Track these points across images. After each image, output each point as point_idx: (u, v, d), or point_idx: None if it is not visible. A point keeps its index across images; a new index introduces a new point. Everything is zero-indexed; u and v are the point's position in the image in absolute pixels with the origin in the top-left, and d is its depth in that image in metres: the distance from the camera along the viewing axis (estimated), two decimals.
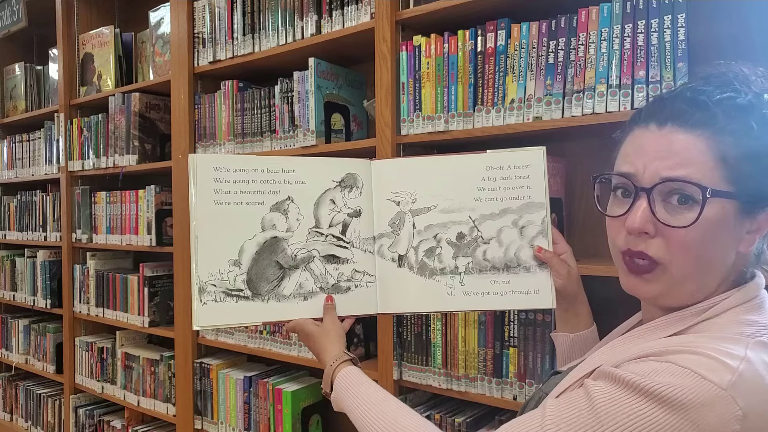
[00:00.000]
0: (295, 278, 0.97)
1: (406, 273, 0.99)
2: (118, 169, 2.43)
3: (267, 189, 0.97)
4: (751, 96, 0.68)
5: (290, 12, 1.82)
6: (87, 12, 2.78)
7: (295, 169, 0.99)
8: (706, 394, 0.57)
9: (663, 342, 0.67)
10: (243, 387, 1.98)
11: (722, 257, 0.69)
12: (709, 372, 0.59)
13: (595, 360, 0.73)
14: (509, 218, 0.98)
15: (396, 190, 1.01)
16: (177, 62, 2.16)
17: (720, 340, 0.64)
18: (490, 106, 1.43)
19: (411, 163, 1.06)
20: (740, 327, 0.66)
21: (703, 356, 0.60)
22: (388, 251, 1.00)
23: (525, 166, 0.98)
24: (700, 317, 0.69)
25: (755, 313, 0.69)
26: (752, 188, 0.66)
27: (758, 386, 0.59)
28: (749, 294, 0.70)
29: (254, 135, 1.95)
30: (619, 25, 1.26)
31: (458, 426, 1.47)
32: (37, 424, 3.00)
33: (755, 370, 0.60)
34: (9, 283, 3.18)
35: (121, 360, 2.46)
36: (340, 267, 1.00)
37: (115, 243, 2.48)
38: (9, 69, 3.25)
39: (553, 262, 0.96)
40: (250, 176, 0.97)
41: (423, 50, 1.53)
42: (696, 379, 0.58)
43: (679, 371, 0.59)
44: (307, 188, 1.00)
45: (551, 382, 0.86)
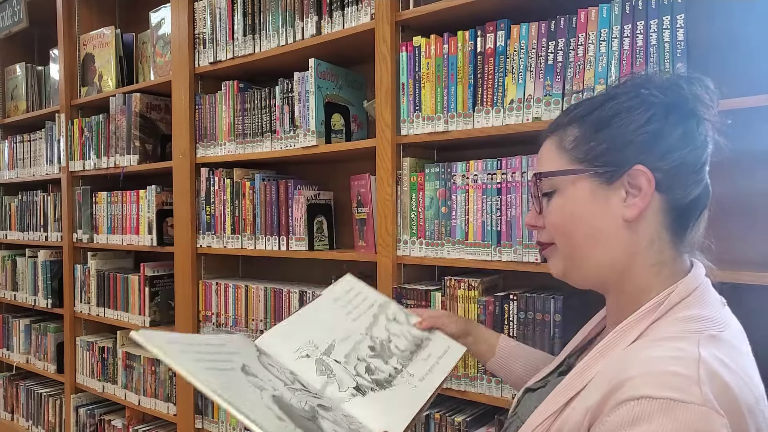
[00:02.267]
0: (326, 424, 0.86)
1: (373, 395, 0.96)
2: (119, 170, 2.43)
3: (223, 359, 0.89)
4: (602, 97, 0.78)
5: (290, 13, 1.82)
6: (88, 12, 2.78)
7: (225, 344, 0.95)
8: (694, 417, 0.57)
9: (623, 361, 0.66)
10: None
11: (603, 227, 0.75)
12: (680, 391, 0.58)
13: (575, 383, 0.73)
14: (382, 320, 1.09)
15: (296, 348, 1.00)
16: (178, 63, 2.16)
17: (671, 341, 0.65)
18: (490, 107, 1.43)
19: (286, 324, 1.07)
20: (686, 324, 0.68)
21: (662, 374, 0.60)
22: (342, 393, 0.94)
23: (351, 288, 1.16)
24: (651, 319, 0.70)
25: (697, 306, 0.70)
26: (600, 161, 0.75)
27: (718, 385, 0.60)
28: (689, 287, 0.72)
29: (255, 135, 1.96)
30: (618, 25, 1.26)
31: (458, 425, 1.48)
32: (38, 423, 3.00)
33: (711, 369, 0.60)
34: (10, 282, 3.19)
35: (121, 359, 2.47)
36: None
37: (115, 243, 2.48)
38: (10, 69, 3.26)
39: (434, 324, 1.10)
40: (202, 352, 0.89)
41: (423, 51, 1.54)
42: (676, 408, 0.57)
43: (657, 406, 0.58)
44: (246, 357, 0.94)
45: (526, 402, 0.88)
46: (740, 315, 1.28)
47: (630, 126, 0.73)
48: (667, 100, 0.74)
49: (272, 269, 2.25)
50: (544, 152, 0.82)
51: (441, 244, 1.52)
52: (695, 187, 0.75)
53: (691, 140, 0.73)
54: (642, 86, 0.76)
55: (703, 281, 0.74)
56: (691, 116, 0.74)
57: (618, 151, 0.73)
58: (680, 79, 0.76)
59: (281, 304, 1.90)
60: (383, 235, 1.61)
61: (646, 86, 0.75)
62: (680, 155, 0.73)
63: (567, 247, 0.78)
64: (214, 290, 2.10)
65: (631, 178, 0.73)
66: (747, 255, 1.31)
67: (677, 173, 0.73)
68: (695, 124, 0.74)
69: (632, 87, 0.77)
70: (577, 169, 0.76)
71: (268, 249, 1.92)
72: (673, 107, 0.74)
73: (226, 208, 2.04)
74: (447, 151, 1.73)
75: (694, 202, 0.75)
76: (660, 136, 0.73)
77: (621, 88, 0.78)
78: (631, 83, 0.78)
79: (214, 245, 2.09)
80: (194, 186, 2.15)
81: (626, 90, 0.77)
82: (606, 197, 0.74)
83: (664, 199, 0.74)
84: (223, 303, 2.07)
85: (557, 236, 0.79)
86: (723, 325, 0.69)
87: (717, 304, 0.73)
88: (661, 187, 0.73)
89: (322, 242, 1.89)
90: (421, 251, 1.56)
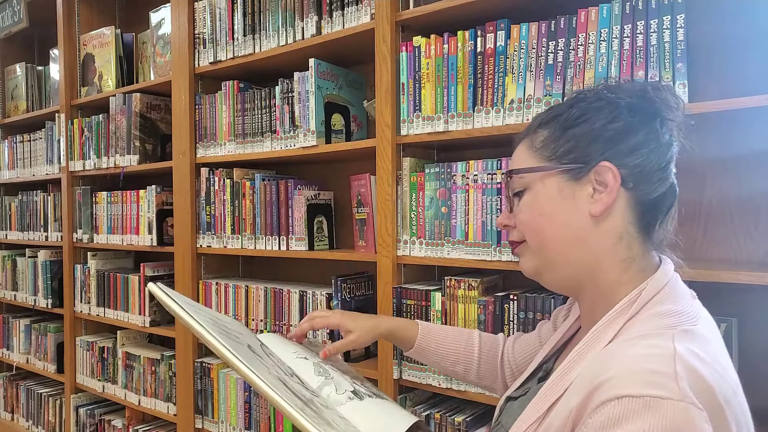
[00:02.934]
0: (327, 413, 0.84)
1: (371, 401, 0.92)
2: (119, 169, 2.43)
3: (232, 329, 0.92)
4: (569, 102, 0.81)
5: (290, 13, 1.82)
6: (88, 12, 2.78)
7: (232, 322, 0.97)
8: (675, 413, 0.57)
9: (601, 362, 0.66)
10: (244, 386, 1.98)
11: (570, 223, 0.76)
12: (658, 388, 0.59)
13: (556, 387, 0.73)
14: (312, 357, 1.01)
15: (293, 350, 0.99)
16: (178, 63, 2.16)
17: (647, 338, 0.66)
18: (490, 107, 1.43)
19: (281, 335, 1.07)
20: (660, 320, 0.69)
21: (640, 371, 0.61)
22: (339, 395, 0.89)
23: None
24: (625, 318, 0.71)
25: (669, 301, 0.72)
26: (567, 158, 0.77)
27: (694, 379, 0.60)
28: (659, 283, 0.73)
29: (255, 135, 1.96)
30: (618, 25, 1.26)
31: (458, 425, 1.48)
32: (38, 423, 3.00)
33: (686, 364, 0.61)
34: (10, 282, 3.18)
35: (121, 359, 2.47)
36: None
37: (116, 243, 2.48)
38: (10, 69, 3.25)
39: (338, 349, 1.06)
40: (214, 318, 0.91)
41: (423, 51, 1.54)
42: (656, 405, 0.58)
43: (639, 405, 0.59)
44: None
45: (509, 411, 0.88)
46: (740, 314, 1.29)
47: (596, 123, 0.76)
48: (633, 102, 0.77)
49: (272, 269, 2.25)
50: (516, 154, 0.85)
51: (441, 244, 1.52)
52: (661, 184, 0.76)
53: (655, 139, 0.76)
54: (610, 90, 0.79)
55: (672, 276, 0.76)
56: (656, 116, 0.76)
57: (584, 147, 0.76)
58: (647, 85, 0.79)
59: (281, 304, 1.90)
60: (383, 235, 1.61)
61: (614, 90, 0.79)
62: (645, 152, 0.75)
63: (536, 243, 0.80)
64: (214, 290, 2.10)
65: (597, 174, 0.75)
66: (748, 255, 1.31)
67: (642, 170, 0.75)
68: (659, 124, 0.76)
69: (600, 90, 0.80)
70: (545, 166, 0.78)
71: (268, 249, 1.92)
72: (638, 108, 0.76)
73: (226, 208, 2.04)
74: (447, 151, 1.73)
75: (659, 199, 0.77)
76: (625, 134, 0.75)
77: (590, 93, 0.81)
78: (600, 87, 0.81)
79: (214, 245, 2.09)
80: (194, 186, 2.15)
81: (594, 93, 0.80)
82: (573, 193, 0.76)
83: (630, 195, 0.75)
84: (223, 303, 2.07)
85: (527, 233, 0.81)
86: (695, 319, 0.70)
87: (688, 298, 0.74)
88: (627, 184, 0.75)
89: (322, 242, 1.89)
90: (421, 251, 1.56)
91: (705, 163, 1.35)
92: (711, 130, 1.34)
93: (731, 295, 1.31)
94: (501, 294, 1.42)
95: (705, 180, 1.36)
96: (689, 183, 1.37)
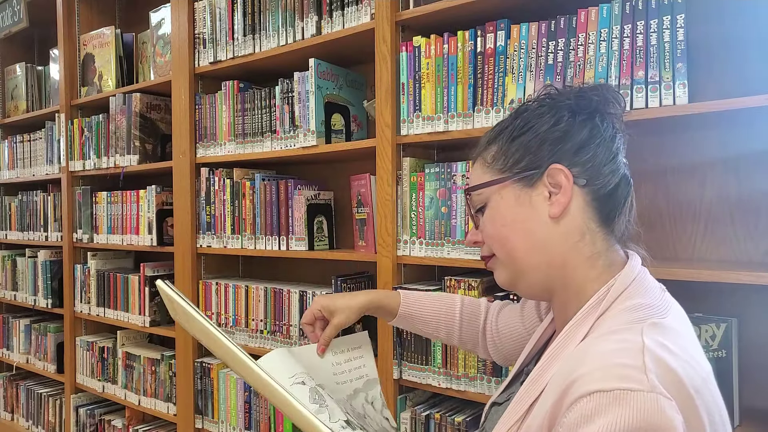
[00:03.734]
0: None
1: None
2: (119, 169, 2.43)
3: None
4: (513, 114, 0.84)
5: (290, 13, 1.82)
6: (88, 12, 2.78)
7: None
8: (644, 403, 0.58)
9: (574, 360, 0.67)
10: (244, 386, 1.98)
11: (532, 230, 0.78)
12: (628, 381, 0.60)
13: (533, 389, 0.74)
14: (361, 397, 1.05)
15: (292, 374, 0.97)
16: (178, 63, 2.16)
17: (616, 333, 0.67)
18: (490, 107, 1.43)
19: (285, 351, 1.04)
20: (629, 314, 0.70)
21: (611, 366, 0.62)
22: (332, 423, 0.88)
23: (359, 347, 1.09)
24: (595, 315, 0.72)
25: (638, 296, 0.73)
26: (518, 167, 0.79)
27: (664, 371, 0.61)
28: (627, 279, 0.75)
29: (255, 135, 1.96)
30: (618, 25, 1.26)
31: (458, 425, 1.48)
32: (38, 423, 3.00)
33: (655, 356, 0.62)
34: (10, 282, 3.19)
35: (121, 359, 2.47)
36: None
37: (115, 243, 2.48)
38: (10, 69, 3.26)
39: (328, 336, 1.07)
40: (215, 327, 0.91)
41: (423, 51, 1.54)
42: (627, 397, 0.59)
43: (610, 399, 0.60)
44: None
45: (493, 417, 0.89)
46: (740, 314, 1.29)
47: (541, 129, 0.79)
48: (571, 103, 0.80)
49: (272, 269, 2.25)
50: (472, 174, 0.87)
51: (441, 244, 1.52)
52: (612, 176, 0.78)
53: (598, 134, 0.78)
54: (550, 96, 0.82)
55: (640, 270, 0.77)
56: (595, 113, 0.79)
57: (533, 154, 0.78)
58: (586, 88, 0.82)
59: (281, 304, 1.90)
60: (383, 235, 1.61)
61: (553, 96, 0.82)
62: (592, 148, 0.77)
63: (504, 255, 0.82)
64: (214, 290, 2.10)
65: (549, 177, 0.77)
66: (748, 255, 1.31)
67: (592, 165, 0.77)
68: (599, 120, 0.79)
69: (542, 99, 0.83)
70: (499, 178, 0.80)
71: (268, 249, 1.92)
72: (577, 108, 0.79)
73: (226, 208, 2.04)
74: (447, 151, 1.73)
75: (614, 190, 0.78)
76: (570, 134, 0.78)
77: (531, 102, 0.83)
78: (541, 95, 0.84)
79: (214, 245, 2.09)
80: (194, 186, 2.15)
81: (536, 101, 0.83)
82: (530, 200, 0.78)
83: (585, 191, 0.77)
84: (223, 303, 2.07)
85: (494, 246, 0.83)
86: (664, 311, 0.71)
87: (657, 291, 0.75)
88: (579, 181, 0.77)
89: (322, 242, 1.89)
90: (421, 251, 1.56)
91: (705, 163, 1.35)
92: (711, 130, 1.35)
93: (731, 295, 1.31)
94: (501, 294, 1.42)
95: (705, 180, 1.36)
96: (689, 183, 1.37)
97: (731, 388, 1.18)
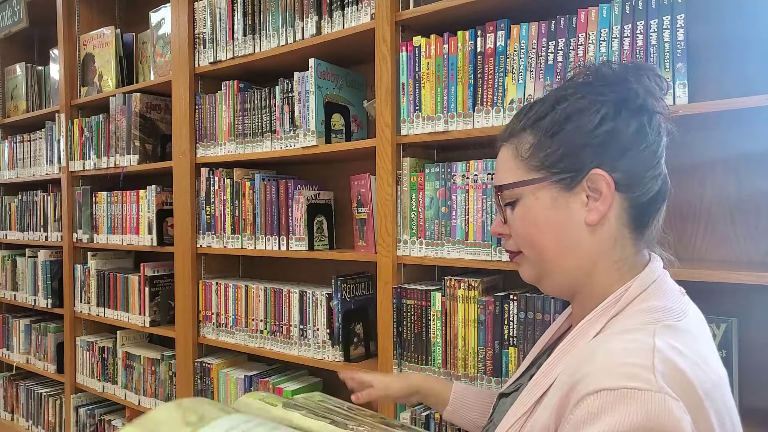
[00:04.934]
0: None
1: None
2: (119, 169, 2.43)
3: None
4: (552, 98, 0.78)
5: (290, 13, 1.82)
6: (88, 12, 2.78)
7: None
8: (651, 403, 0.58)
9: (583, 357, 0.67)
10: (243, 386, 1.98)
11: (566, 234, 0.75)
12: (635, 379, 0.59)
13: (542, 383, 0.74)
14: None
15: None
16: (178, 63, 2.16)
17: (628, 333, 0.67)
18: (490, 107, 1.43)
19: None
20: (644, 316, 0.69)
21: (619, 365, 0.62)
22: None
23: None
24: (610, 314, 0.72)
25: (655, 298, 0.72)
26: (557, 168, 0.75)
27: (672, 372, 0.61)
28: (645, 281, 0.74)
29: (255, 135, 1.96)
30: (618, 25, 1.26)
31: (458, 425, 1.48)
32: (38, 423, 3.00)
33: (665, 357, 0.62)
34: (10, 282, 3.18)
35: (121, 359, 2.47)
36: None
37: (115, 243, 2.48)
38: (10, 69, 3.25)
39: (372, 396, 1.11)
40: None
41: (423, 51, 1.54)
42: (633, 396, 0.59)
43: (616, 397, 0.59)
44: None
45: (500, 408, 0.89)
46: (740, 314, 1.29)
47: (583, 129, 0.74)
48: (616, 97, 0.74)
49: (272, 269, 2.25)
50: (501, 162, 0.82)
51: (441, 244, 1.52)
52: (654, 182, 0.75)
53: (644, 137, 0.74)
54: (590, 84, 0.76)
55: (660, 273, 0.76)
56: (642, 111, 0.74)
57: (574, 156, 0.74)
58: (628, 72, 0.76)
59: (281, 304, 1.90)
60: (383, 235, 1.61)
61: (595, 83, 0.76)
62: (636, 153, 0.73)
63: (534, 255, 0.79)
64: (214, 290, 2.10)
65: (590, 182, 0.74)
66: (748, 255, 1.31)
67: (635, 172, 0.74)
68: (647, 120, 0.74)
69: (581, 86, 0.77)
70: (536, 178, 0.76)
71: (268, 249, 1.92)
72: (622, 103, 0.74)
73: (226, 208, 2.04)
74: (447, 151, 1.73)
75: (654, 198, 0.76)
76: (614, 137, 0.73)
77: (570, 88, 0.78)
78: (580, 81, 0.78)
79: (214, 245, 2.09)
80: (194, 186, 2.15)
81: (575, 89, 0.77)
82: (567, 204, 0.75)
83: (623, 198, 0.74)
84: (223, 303, 2.07)
85: (523, 246, 0.80)
86: (681, 314, 0.70)
87: (675, 294, 0.74)
88: (620, 188, 0.73)
89: (322, 242, 1.89)
90: (421, 251, 1.56)
91: (705, 163, 1.35)
92: (711, 130, 1.34)
93: (731, 295, 1.31)
94: (501, 294, 1.42)
95: (705, 180, 1.36)
96: (689, 183, 1.37)
97: (731, 388, 1.18)
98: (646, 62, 0.77)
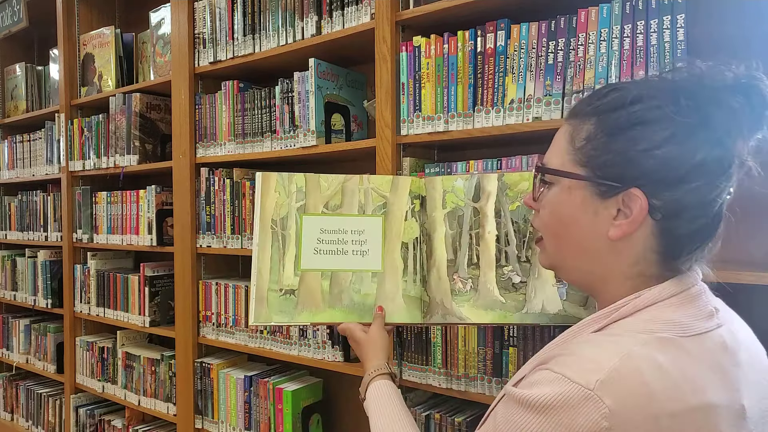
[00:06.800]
0: None
1: None
2: (119, 169, 2.43)
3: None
4: (630, 94, 0.70)
5: (290, 13, 1.82)
6: (88, 12, 2.78)
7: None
8: (572, 397, 0.60)
9: (562, 344, 0.73)
10: (243, 386, 1.98)
11: (586, 239, 0.73)
12: (578, 374, 0.61)
13: (532, 362, 0.76)
14: None
15: None
16: (177, 62, 2.16)
17: (618, 336, 0.67)
18: (490, 107, 1.43)
19: None
20: (645, 324, 0.67)
21: (580, 358, 0.64)
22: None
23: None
24: (611, 317, 0.71)
25: (671, 310, 0.68)
26: (601, 172, 0.70)
27: (632, 382, 0.60)
28: (665, 292, 0.69)
29: (254, 135, 1.96)
30: (618, 25, 1.26)
31: (458, 425, 1.48)
32: (37, 423, 3.00)
33: (633, 366, 0.61)
34: (10, 282, 3.18)
35: (121, 360, 2.46)
36: None
37: (115, 243, 2.48)
38: (10, 69, 3.25)
39: None
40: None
41: (423, 51, 1.54)
42: (564, 384, 0.61)
43: (552, 377, 0.63)
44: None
45: None
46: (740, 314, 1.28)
47: (641, 144, 0.67)
48: (693, 122, 0.65)
49: None
50: (556, 138, 0.78)
51: None
52: (700, 218, 0.68)
53: (708, 173, 0.66)
54: (676, 93, 0.67)
55: (689, 287, 0.71)
56: (718, 145, 0.65)
57: (622, 167, 0.68)
58: (725, 91, 0.67)
59: None
60: None
61: (682, 95, 0.67)
62: (689, 188, 0.66)
63: (552, 248, 0.80)
64: (214, 290, 2.10)
65: (626, 197, 0.68)
66: (749, 255, 1.31)
67: (681, 206, 0.67)
68: (721, 153, 0.66)
69: (666, 92, 0.68)
70: (576, 174, 0.72)
71: None
72: (699, 129, 0.65)
73: (226, 208, 2.04)
74: (447, 151, 1.72)
75: (696, 232, 0.69)
76: (670, 165, 0.66)
77: (650, 92, 0.69)
78: (669, 85, 0.70)
79: (214, 245, 2.09)
80: (194, 186, 2.15)
81: (656, 94, 0.69)
82: (596, 210, 0.71)
83: (656, 224, 0.69)
84: (223, 303, 2.07)
85: (544, 234, 0.81)
86: (690, 331, 0.66)
87: (699, 312, 0.69)
88: (655, 215, 0.67)
89: None
90: None
91: None
92: None
93: (732, 296, 1.30)
94: None
95: None
96: None
97: None
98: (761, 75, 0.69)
